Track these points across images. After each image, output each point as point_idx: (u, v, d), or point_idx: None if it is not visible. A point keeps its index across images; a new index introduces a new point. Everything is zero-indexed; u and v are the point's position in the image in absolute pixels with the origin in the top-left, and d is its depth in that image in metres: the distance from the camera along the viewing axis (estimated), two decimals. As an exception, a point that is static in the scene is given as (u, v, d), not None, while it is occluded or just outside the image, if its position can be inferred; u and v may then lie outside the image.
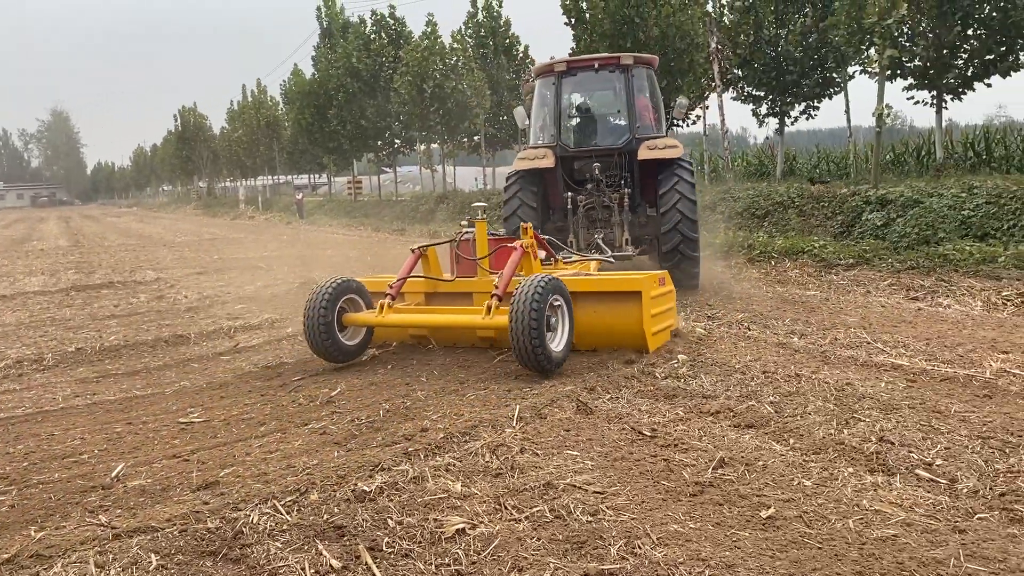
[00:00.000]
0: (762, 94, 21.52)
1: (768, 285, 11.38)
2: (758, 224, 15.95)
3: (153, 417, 5.94)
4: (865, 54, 17.72)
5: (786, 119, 21.78)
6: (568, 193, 10.56)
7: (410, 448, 4.80)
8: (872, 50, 15.59)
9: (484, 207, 8.20)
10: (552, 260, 8.38)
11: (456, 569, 3.40)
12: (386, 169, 44.73)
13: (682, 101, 11.50)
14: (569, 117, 10.98)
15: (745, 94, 21.83)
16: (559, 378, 6.35)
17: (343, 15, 42.61)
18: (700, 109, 22.28)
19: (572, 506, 3.92)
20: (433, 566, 3.44)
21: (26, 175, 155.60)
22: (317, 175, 64.30)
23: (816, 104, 21.55)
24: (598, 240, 10.32)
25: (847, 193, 14.90)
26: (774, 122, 22.01)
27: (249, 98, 59.57)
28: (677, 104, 11.45)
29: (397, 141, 39.86)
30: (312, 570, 3.43)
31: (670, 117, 11.23)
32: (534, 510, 3.91)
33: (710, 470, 4.32)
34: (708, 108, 22.59)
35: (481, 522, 3.81)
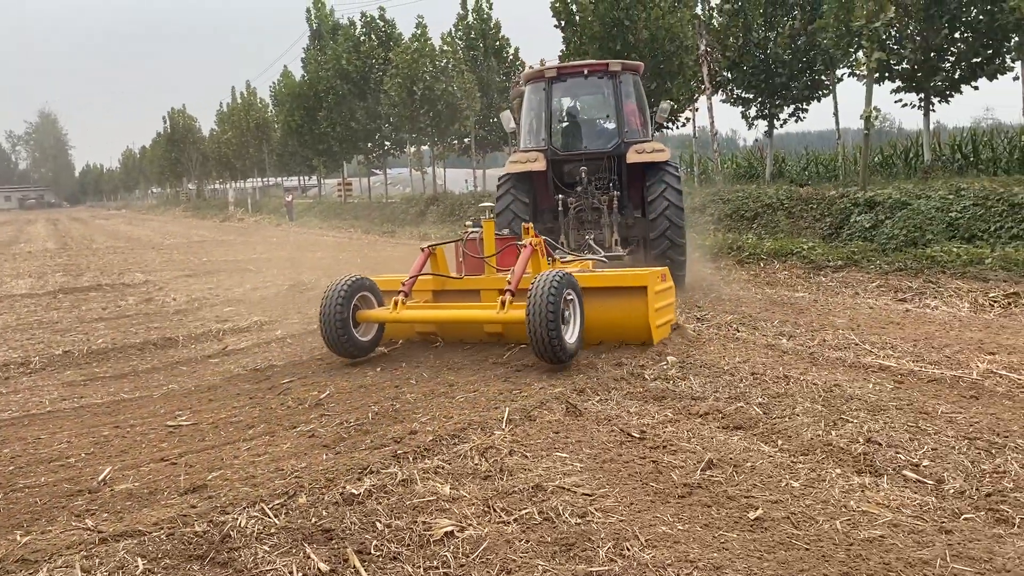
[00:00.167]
0: (751, 96, 21.60)
1: (757, 287, 11.42)
2: (747, 226, 16.01)
3: (141, 420, 5.91)
4: (853, 57, 17.78)
5: (775, 121, 21.86)
6: (559, 195, 10.72)
7: (399, 451, 4.79)
8: (860, 53, 15.65)
9: (491, 207, 8.49)
10: (551, 260, 8.53)
11: (445, 572, 3.40)
12: (376, 171, 44.74)
13: (664, 106, 11.70)
14: (559, 121, 11.16)
15: (734, 96, 21.91)
16: (548, 380, 6.36)
17: (333, 17, 42.56)
18: (690, 111, 22.35)
19: (561, 508, 3.92)
20: (422, 569, 3.43)
21: (13, 177, 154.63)
22: (307, 177, 64.20)
23: (805, 106, 21.64)
24: (590, 241, 10.46)
25: (836, 195, 14.96)
26: (763, 124, 22.10)
27: (238, 100, 59.41)
28: (660, 109, 11.59)
29: (387, 143, 39.82)
30: (300, 574, 3.42)
31: (654, 122, 11.39)
32: (523, 512, 3.91)
33: (698, 471, 4.33)
34: (698, 110, 22.70)
35: (470, 524, 3.80)
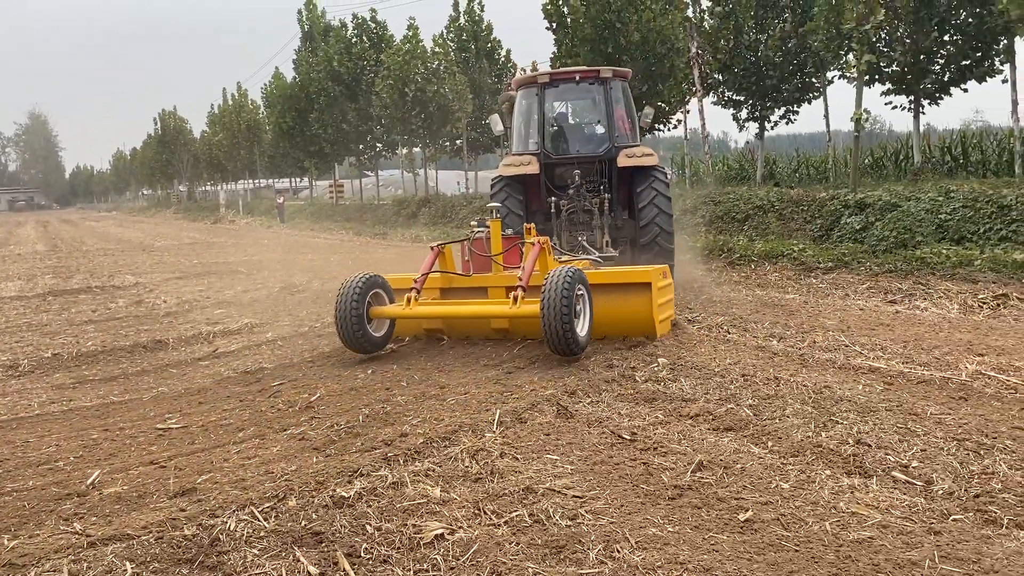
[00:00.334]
0: (742, 99, 21.64)
1: (748, 288, 11.45)
2: (738, 228, 16.04)
3: (130, 423, 5.89)
4: (843, 59, 17.84)
5: (766, 123, 21.91)
6: (551, 198, 10.86)
7: (389, 453, 4.78)
8: (850, 55, 15.70)
9: (498, 207, 8.74)
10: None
11: (435, 575, 3.40)
12: (368, 173, 44.64)
13: (647, 111, 11.99)
14: (551, 126, 11.33)
15: (725, 99, 21.94)
16: (539, 382, 6.36)
17: (324, 18, 42.46)
18: (681, 113, 22.38)
19: (551, 511, 3.92)
20: (412, 572, 3.43)
21: (3, 179, 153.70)
22: (298, 179, 64.08)
23: (796, 109, 21.70)
24: (583, 242, 10.62)
25: (826, 197, 15.01)
26: (754, 126, 22.14)
27: (229, 101, 59.23)
28: (643, 114, 11.81)
29: (378, 145, 39.73)
30: (289, 577, 3.41)
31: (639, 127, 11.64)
32: (513, 515, 3.91)
33: (689, 473, 4.33)
34: (689, 112, 22.70)
35: (460, 527, 3.80)
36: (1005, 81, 15.65)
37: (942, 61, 16.57)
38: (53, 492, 4.47)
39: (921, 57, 16.33)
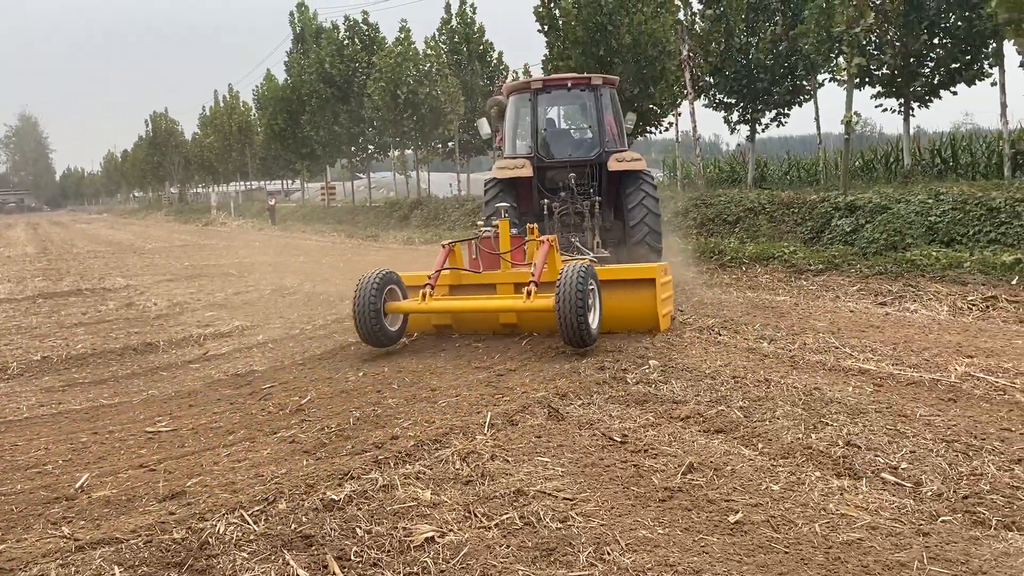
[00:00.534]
0: (733, 101, 21.71)
1: (739, 291, 11.47)
2: (729, 230, 16.07)
3: (120, 426, 5.87)
4: (834, 62, 17.92)
5: (757, 126, 21.98)
6: (543, 200, 11.00)
7: (380, 456, 4.78)
8: (841, 58, 15.76)
9: (506, 207, 9.15)
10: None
11: (425, 578, 3.39)
12: (360, 175, 44.59)
13: (630, 116, 12.30)
14: (544, 130, 11.57)
15: (717, 101, 22.01)
16: (531, 384, 6.36)
17: (316, 20, 42.41)
18: (673, 116, 22.42)
19: (542, 513, 3.92)
20: (402, 575, 3.42)
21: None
22: (290, 181, 63.96)
23: (786, 111, 21.78)
24: (576, 243, 10.75)
25: (817, 199, 15.05)
26: (745, 129, 22.21)
27: (221, 103, 59.09)
28: (626, 119, 12.09)
29: (370, 147, 39.68)
30: (279, 580, 3.40)
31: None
32: (504, 517, 3.91)
33: (679, 475, 4.34)
34: (680, 115, 22.75)
35: (450, 530, 3.79)
36: (994, 84, 15.74)
37: (932, 64, 16.65)
38: (41, 496, 4.45)
39: (911, 60, 16.41)
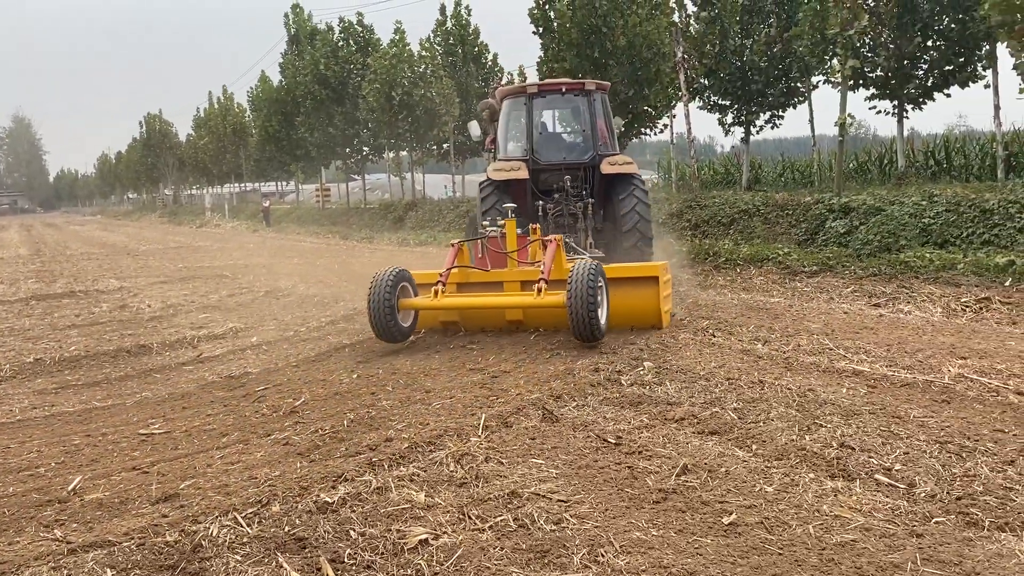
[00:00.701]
0: (728, 103, 21.71)
1: (733, 292, 11.49)
2: (724, 232, 16.09)
3: (113, 429, 5.85)
4: (828, 64, 17.96)
5: (751, 128, 22.00)
6: (538, 202, 11.08)
7: (374, 458, 4.77)
8: (835, 60, 15.79)
9: (513, 207, 9.41)
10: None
11: (418, 580, 3.39)
12: (355, 177, 44.52)
13: (617, 120, 12.62)
14: (539, 133, 11.73)
15: (711, 103, 22.01)
16: (525, 386, 6.36)
17: (311, 22, 42.33)
18: (667, 118, 22.43)
19: (536, 515, 3.91)
20: (395, 577, 3.41)
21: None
22: (285, 183, 63.85)
23: (781, 113, 21.78)
24: (571, 243, 10.81)
25: (811, 201, 15.07)
26: (740, 131, 22.22)
27: (215, 105, 58.97)
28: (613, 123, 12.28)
29: (365, 149, 39.61)
30: (272, 583, 3.39)
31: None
32: (498, 519, 3.90)
33: (673, 477, 4.34)
34: (675, 117, 22.76)
35: (444, 532, 3.79)
36: (987, 86, 15.78)
37: (925, 66, 16.68)
38: (34, 498, 4.43)
39: (905, 62, 16.44)
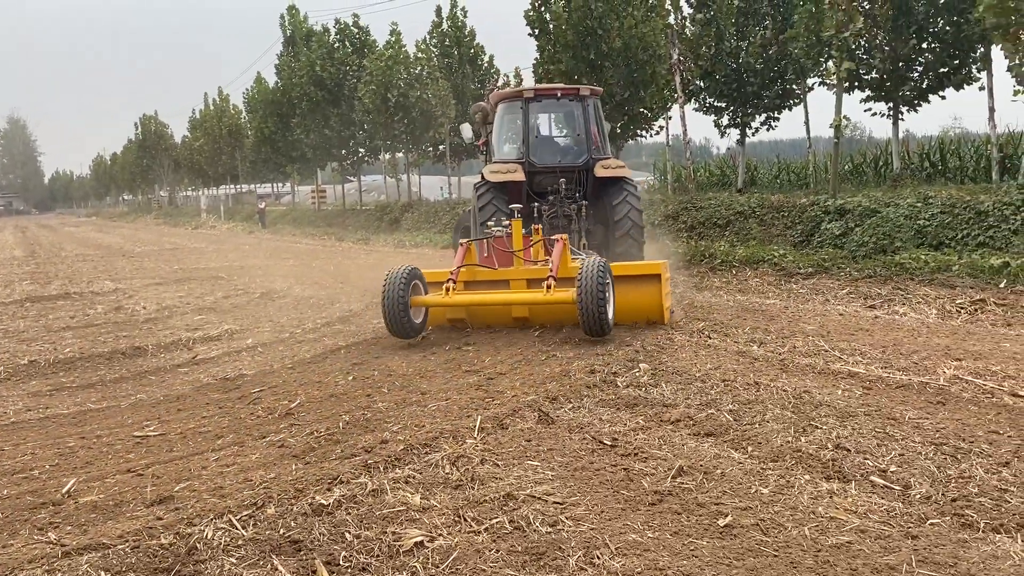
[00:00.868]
0: (723, 105, 21.72)
1: (729, 294, 11.51)
2: (720, 233, 16.10)
3: (107, 431, 5.83)
4: (823, 66, 17.97)
5: (747, 130, 22.00)
6: (533, 203, 11.24)
7: (369, 460, 4.76)
8: (830, 62, 15.81)
9: (519, 208, 9.69)
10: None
11: (414, 582, 3.38)
12: (350, 178, 44.49)
13: (606, 124, 12.83)
14: (535, 136, 11.96)
15: (707, 105, 22.02)
16: (521, 388, 6.35)
17: (307, 23, 42.29)
18: (663, 120, 22.46)
19: (532, 517, 3.91)
20: (391, 580, 3.41)
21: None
22: (280, 184, 63.73)
23: (776, 115, 21.80)
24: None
25: (806, 203, 15.09)
26: (735, 133, 22.23)
27: (211, 106, 58.87)
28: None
29: (361, 150, 39.57)
30: (267, 586, 3.38)
31: None
32: (493, 522, 3.90)
33: (669, 479, 4.34)
34: (671, 119, 22.78)
35: (440, 535, 3.78)
36: (982, 88, 15.79)
37: (920, 68, 16.71)
38: (28, 501, 4.41)
39: (900, 64, 16.46)
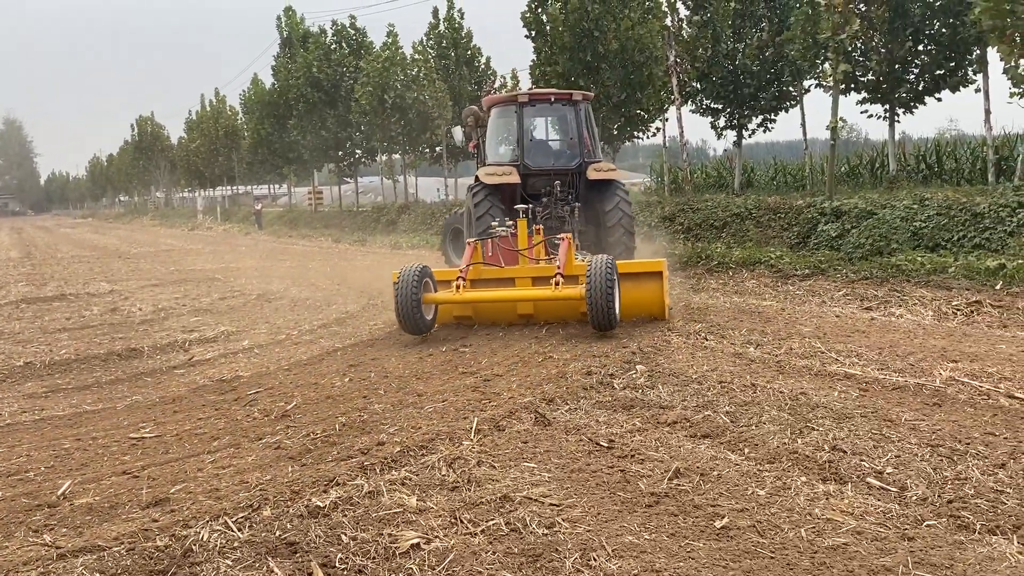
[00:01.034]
0: (720, 107, 21.74)
1: (726, 295, 11.51)
2: (716, 235, 16.12)
3: (103, 433, 5.82)
4: (820, 68, 18.01)
5: (744, 132, 22.04)
6: (527, 205, 11.17)
7: (366, 462, 4.75)
8: (826, 64, 15.84)
9: (525, 208, 10.06)
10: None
11: (410, 585, 3.37)
12: (347, 179, 44.44)
13: (595, 128, 13.10)
14: (529, 140, 12.11)
15: (703, 107, 22.04)
16: (518, 389, 6.35)
17: (303, 25, 42.27)
18: (660, 122, 22.48)
19: (528, 519, 3.91)
20: (387, 582, 3.40)
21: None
22: (277, 185, 63.71)
23: (773, 117, 21.83)
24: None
25: (803, 205, 15.11)
26: (732, 135, 22.26)
27: (207, 107, 58.82)
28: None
29: (358, 152, 39.55)
30: (263, 588, 3.37)
31: None
32: (490, 524, 3.89)
33: (666, 481, 4.34)
34: (668, 121, 22.81)
35: (436, 537, 3.78)
36: (978, 91, 15.85)
37: (916, 71, 16.75)
38: (23, 503, 4.40)
39: (896, 67, 16.51)
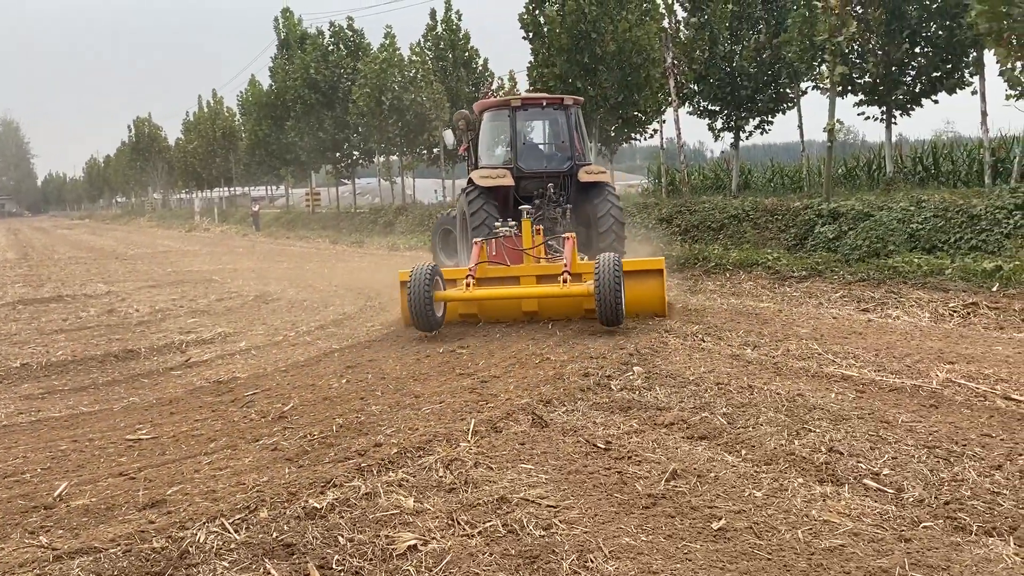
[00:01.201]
0: (717, 109, 21.77)
1: (723, 297, 11.52)
2: (713, 237, 16.13)
3: (100, 434, 5.81)
4: (817, 70, 18.04)
5: (741, 133, 22.07)
6: (520, 207, 11.29)
7: (363, 464, 4.75)
8: (823, 66, 15.87)
9: (529, 208, 10.34)
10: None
11: (407, 586, 3.37)
12: (344, 181, 44.44)
13: (585, 132, 13.54)
14: (522, 143, 12.27)
15: (701, 109, 22.06)
16: (515, 391, 6.35)
17: (301, 26, 42.25)
18: (657, 123, 22.52)
19: (525, 520, 3.91)
20: (384, 583, 3.40)
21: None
22: (274, 187, 63.66)
23: (770, 119, 21.85)
24: (555, 245, 11.03)
25: (800, 206, 15.13)
26: (729, 136, 22.27)
27: (205, 109, 58.77)
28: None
29: (355, 153, 39.54)
30: (260, 590, 3.37)
31: None
32: (487, 525, 3.89)
33: (663, 482, 4.34)
34: (665, 122, 22.83)
35: (433, 538, 3.78)
36: (975, 93, 15.88)
37: (913, 73, 16.78)
38: (19, 504, 4.39)
39: (893, 69, 16.54)
